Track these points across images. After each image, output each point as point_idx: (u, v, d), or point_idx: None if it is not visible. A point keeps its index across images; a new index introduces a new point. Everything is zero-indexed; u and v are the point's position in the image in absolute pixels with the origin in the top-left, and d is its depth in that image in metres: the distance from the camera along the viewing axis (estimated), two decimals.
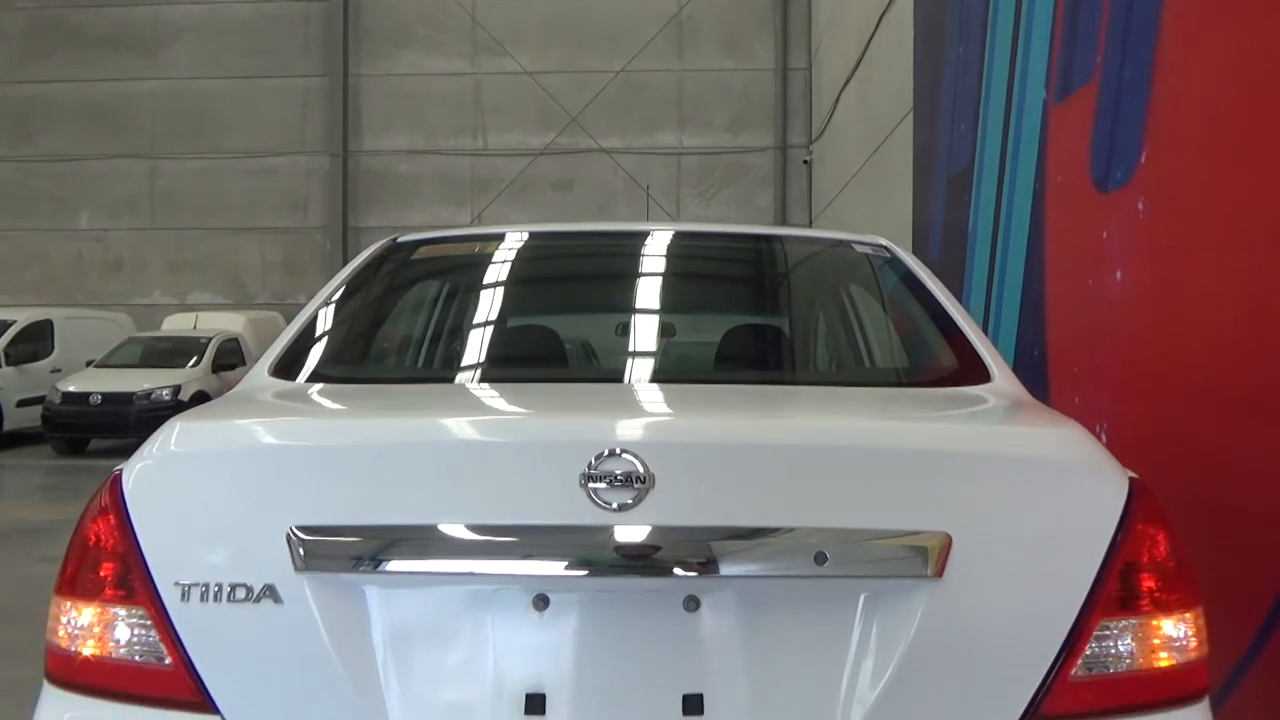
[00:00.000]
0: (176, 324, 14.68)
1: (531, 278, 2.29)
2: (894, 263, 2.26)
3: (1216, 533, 3.02)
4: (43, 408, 11.47)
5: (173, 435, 1.45)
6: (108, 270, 17.73)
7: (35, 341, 12.67)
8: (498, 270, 2.28)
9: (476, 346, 2.02)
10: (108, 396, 11.15)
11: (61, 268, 17.68)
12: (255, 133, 17.60)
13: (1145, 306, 3.80)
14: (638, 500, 1.29)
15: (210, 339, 12.88)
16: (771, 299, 2.28)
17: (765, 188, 17.38)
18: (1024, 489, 1.36)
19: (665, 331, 2.00)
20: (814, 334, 2.15)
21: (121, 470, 1.45)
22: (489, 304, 2.19)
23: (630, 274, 2.19)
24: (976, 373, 1.80)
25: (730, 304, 2.25)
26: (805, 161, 16.70)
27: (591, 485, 1.29)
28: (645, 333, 2.08)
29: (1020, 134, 5.35)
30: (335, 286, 2.14)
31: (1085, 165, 4.46)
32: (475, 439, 1.44)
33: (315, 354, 1.93)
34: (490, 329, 2.11)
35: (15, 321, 12.45)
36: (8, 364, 12.04)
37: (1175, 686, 1.36)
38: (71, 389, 11.35)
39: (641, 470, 1.30)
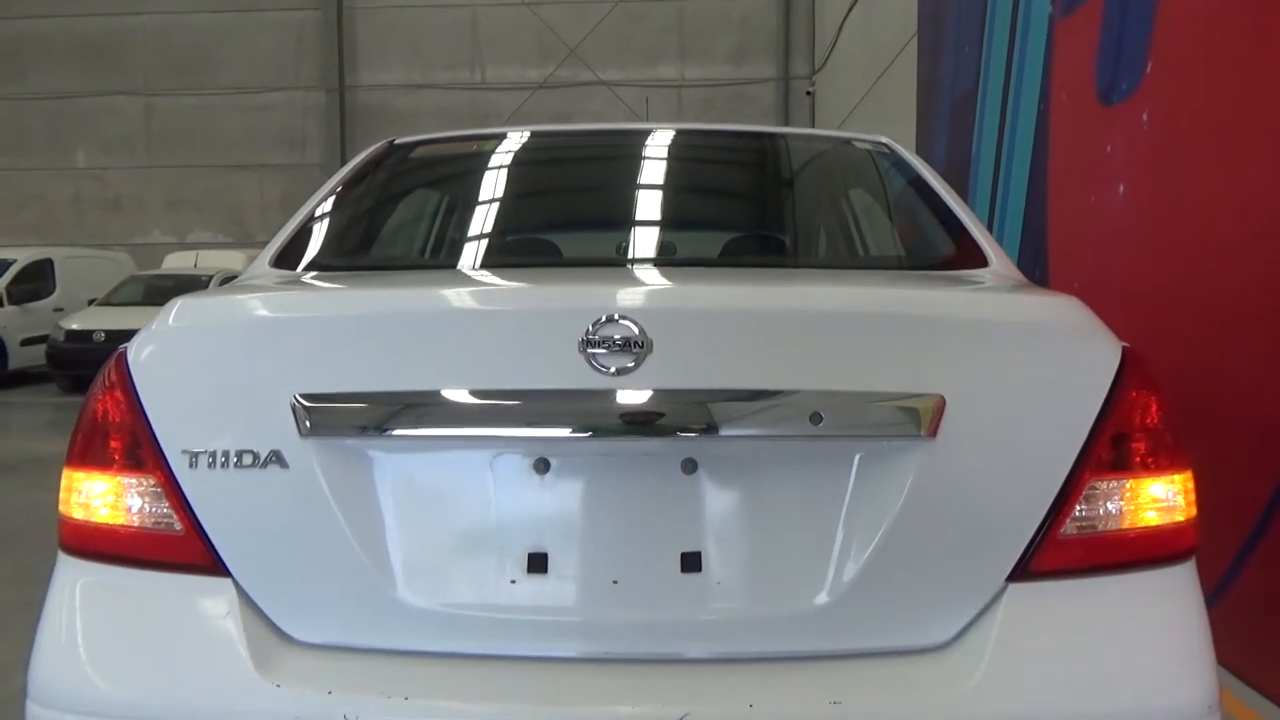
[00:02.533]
0: (177, 263, 14.64)
1: (529, 184, 2.28)
2: (895, 159, 2.25)
3: (1214, 439, 3.05)
4: (47, 346, 11.51)
5: (177, 311, 1.47)
6: (106, 210, 17.64)
7: (36, 281, 12.65)
8: (495, 174, 2.27)
9: (475, 241, 2.02)
10: (111, 334, 11.16)
11: (60, 207, 17.59)
12: (250, 68, 17.37)
13: (1147, 221, 3.79)
14: (636, 364, 1.31)
15: (211, 277, 12.85)
16: (775, 202, 2.28)
17: (768, 120, 17.15)
18: (1018, 353, 1.38)
19: (665, 250, 2.00)
20: (816, 230, 2.15)
21: (127, 348, 1.47)
22: (486, 205, 2.18)
23: (629, 184, 2.18)
24: (974, 258, 1.81)
25: (732, 213, 2.24)
26: (808, 93, 16.47)
27: (590, 350, 1.31)
28: (645, 247, 2.08)
29: (1025, 51, 5.27)
30: (333, 185, 2.14)
31: (1090, 79, 4.40)
32: (475, 307, 1.45)
33: (314, 246, 1.93)
34: (487, 229, 2.11)
35: (16, 261, 12.43)
36: (10, 303, 12.05)
37: (1162, 546, 1.39)
38: (75, 327, 11.38)
39: (639, 335, 1.31)
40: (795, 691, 1.28)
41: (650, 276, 1.60)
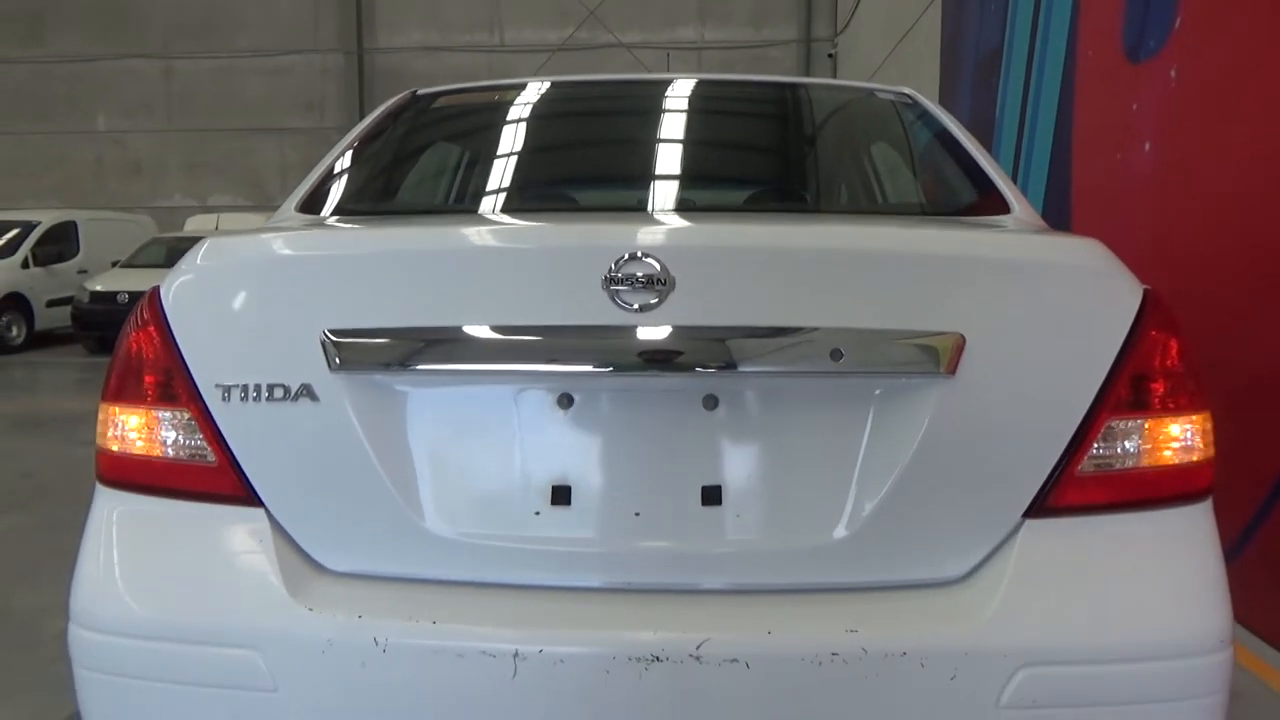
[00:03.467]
0: (198, 225, 14.71)
1: (552, 134, 2.28)
2: (919, 110, 2.25)
3: (1235, 395, 3.05)
4: (72, 307, 11.63)
5: (207, 250, 1.50)
6: (127, 173, 17.72)
7: (60, 243, 12.76)
8: (517, 124, 2.28)
9: (497, 187, 2.04)
10: (135, 295, 11.26)
11: (81, 171, 17.68)
12: (268, 30, 17.31)
13: (1173, 179, 3.75)
14: (659, 301, 1.33)
15: None
16: (797, 153, 2.27)
17: None
18: (1038, 293, 1.39)
19: (686, 201, 2.01)
20: (838, 180, 2.15)
21: (159, 286, 1.50)
22: (508, 155, 2.19)
23: (652, 135, 2.18)
24: (997, 205, 1.81)
25: (755, 164, 2.24)
26: (830, 55, 16.25)
27: (614, 287, 1.33)
28: (666, 198, 2.09)
29: (1051, 8, 5.19)
30: (357, 134, 2.16)
31: (1118, 35, 4.33)
32: (501, 245, 1.47)
33: (339, 192, 1.96)
34: (509, 178, 2.12)
35: (40, 223, 12.54)
36: (35, 265, 12.18)
37: (1179, 485, 1.40)
38: (99, 288, 11.49)
39: (662, 273, 1.33)
40: (812, 620, 1.31)
41: (673, 219, 1.62)
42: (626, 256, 1.34)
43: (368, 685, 1.30)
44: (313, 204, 1.89)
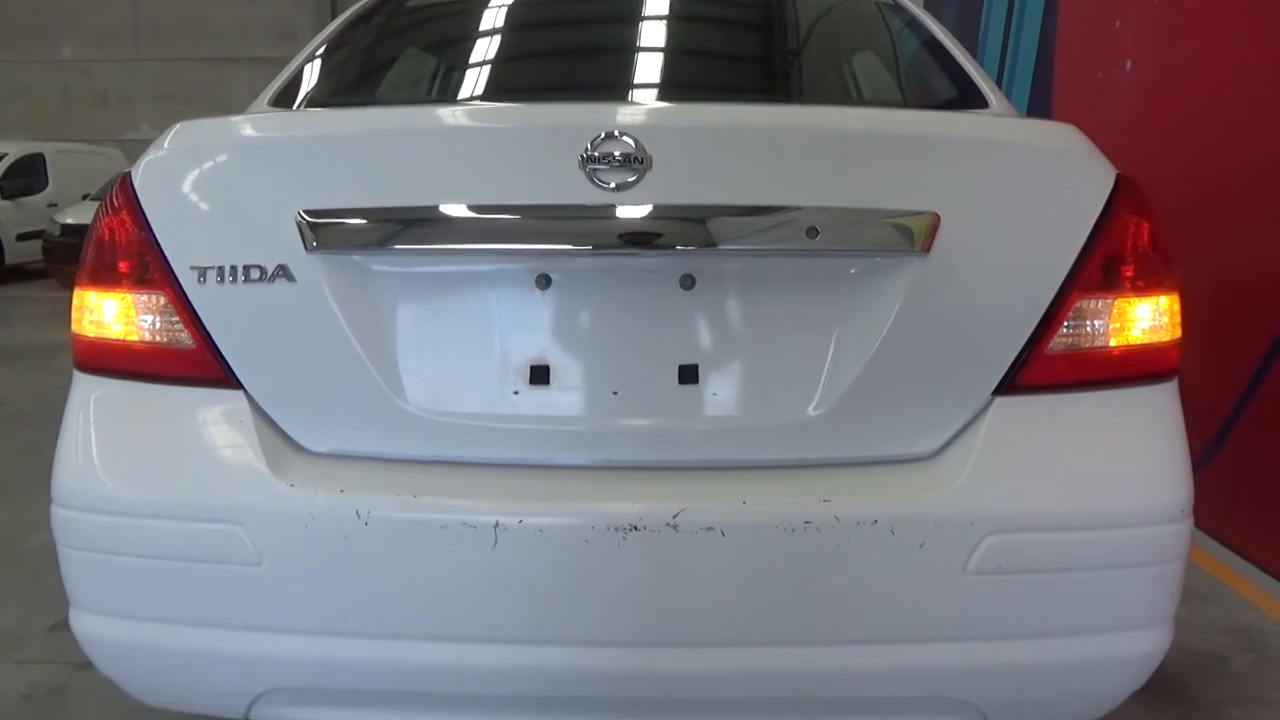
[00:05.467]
0: None
1: (528, 33, 2.23)
2: (902, 12, 2.23)
3: (1212, 304, 3.09)
4: (43, 241, 11.42)
5: (177, 134, 1.48)
6: (94, 104, 17.27)
7: (29, 176, 12.49)
8: (489, 22, 2.23)
9: (472, 83, 2.01)
10: None
11: (47, 102, 17.22)
12: None
13: (1154, 94, 3.74)
14: (636, 180, 1.32)
15: None
16: (778, 53, 2.24)
17: None
18: (1012, 174, 1.40)
19: (662, 94, 1.97)
20: (818, 77, 2.13)
21: (130, 171, 1.48)
22: (483, 53, 2.15)
23: (629, 38, 2.14)
24: (975, 101, 1.81)
25: (735, 61, 2.20)
26: None
27: (590, 166, 1.33)
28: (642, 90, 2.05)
29: None
30: (329, 33, 2.12)
31: None
32: (477, 125, 1.46)
33: (312, 86, 1.93)
34: (484, 74, 2.09)
35: (6, 154, 12.25)
36: (3, 198, 11.93)
37: (1146, 364, 1.43)
38: (71, 221, 11.27)
39: (638, 151, 1.32)
40: (786, 492, 1.34)
41: (650, 102, 1.61)
42: (603, 135, 1.33)
43: (350, 558, 1.32)
44: (285, 99, 1.86)
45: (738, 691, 1.37)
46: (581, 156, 1.33)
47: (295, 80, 1.93)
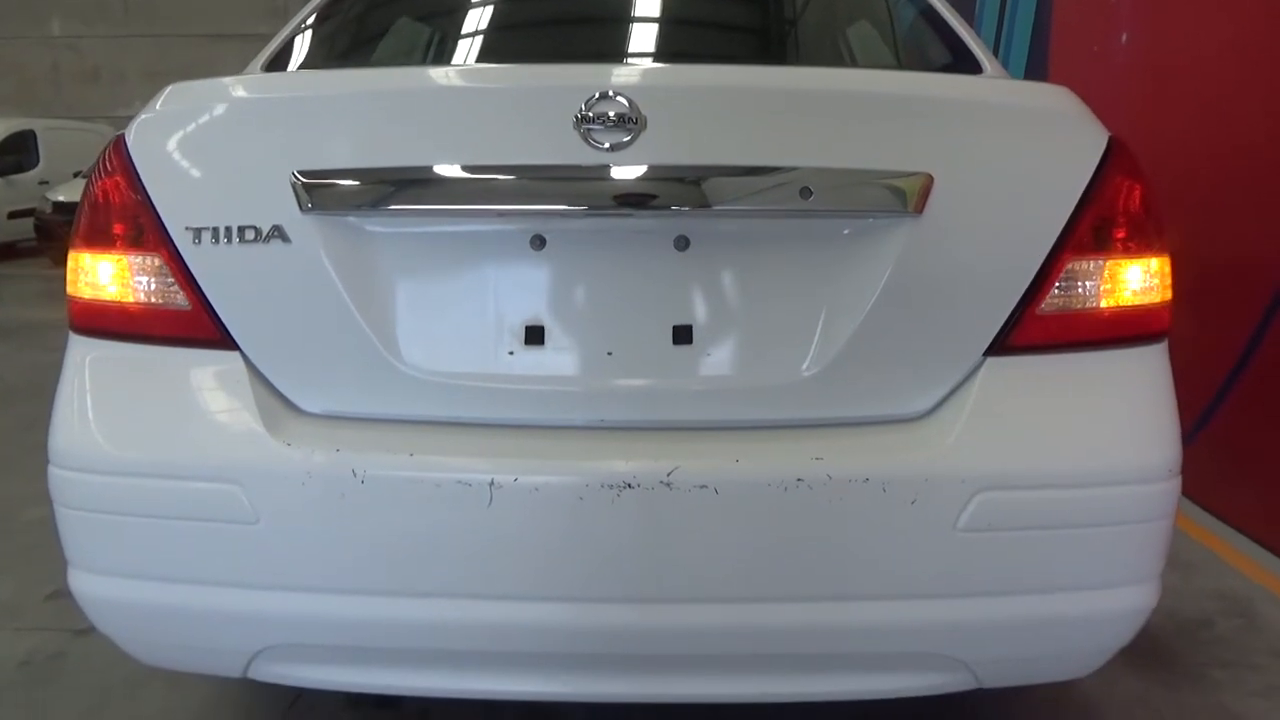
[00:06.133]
0: None
1: (514, 12, 2.23)
2: None
3: (1198, 286, 3.10)
4: (35, 218, 11.37)
5: (172, 94, 1.47)
6: (85, 81, 17.12)
7: (19, 153, 12.40)
8: None
9: (466, 43, 2.00)
10: None
11: (37, 78, 17.06)
12: None
13: (1149, 65, 3.74)
14: (631, 140, 1.33)
15: None
16: (774, 23, 2.24)
17: None
18: (1005, 136, 1.40)
19: (658, 57, 1.97)
20: (812, 38, 2.13)
21: (124, 133, 1.48)
22: (476, 21, 2.14)
23: (624, 9, 2.13)
24: (969, 65, 1.81)
25: (730, 27, 2.20)
26: None
27: (585, 126, 1.33)
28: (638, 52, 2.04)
29: None
30: (318, 3, 2.11)
31: None
32: (471, 85, 1.46)
33: (304, 52, 1.92)
34: (478, 42, 2.08)
35: None
36: None
37: (1136, 326, 1.45)
38: (62, 199, 11.20)
39: (633, 111, 1.33)
40: (779, 450, 1.35)
41: (644, 63, 1.61)
42: (597, 96, 1.33)
43: (347, 516, 1.33)
44: (278, 64, 1.86)
45: (730, 647, 1.39)
46: (576, 117, 1.33)
47: (287, 48, 1.92)
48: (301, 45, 1.94)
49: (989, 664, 1.44)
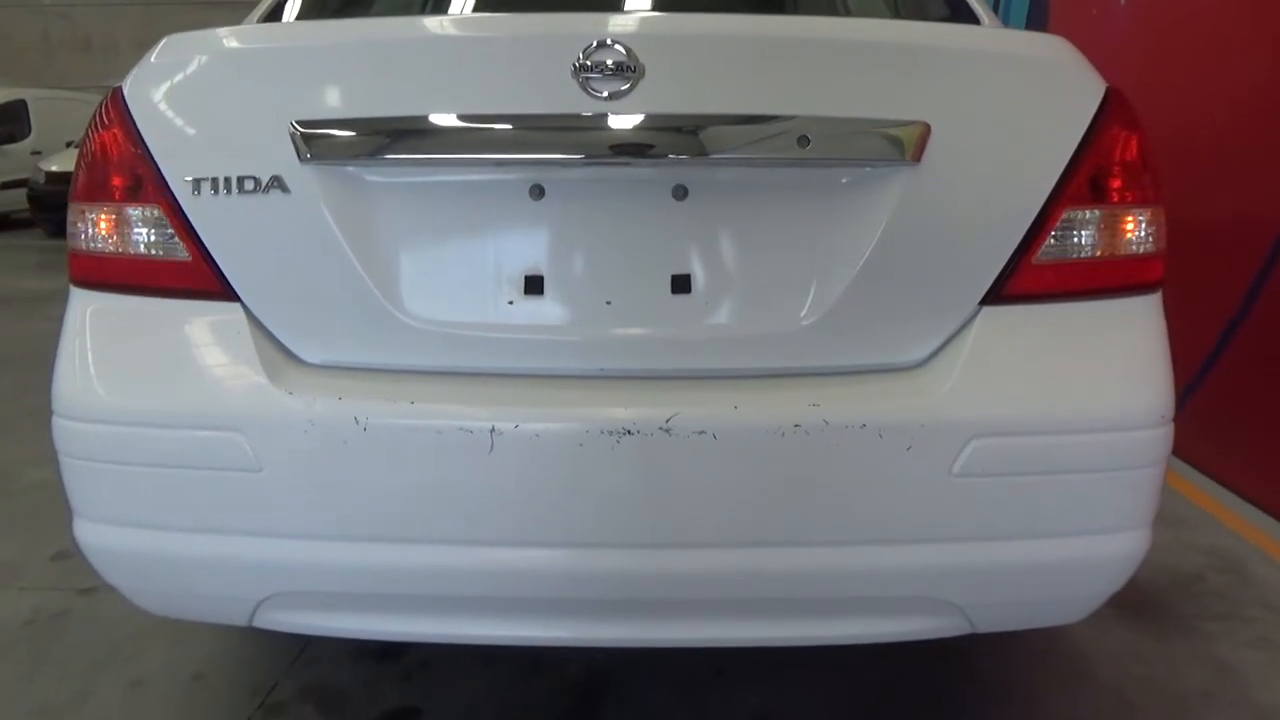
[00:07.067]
0: None
1: None
2: None
3: (1202, 222, 3.12)
4: (28, 189, 11.32)
5: (168, 45, 1.47)
6: (76, 50, 16.98)
7: (11, 124, 12.33)
8: None
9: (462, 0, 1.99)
10: None
11: (27, 47, 16.92)
12: None
13: (1148, 28, 3.73)
14: (629, 89, 1.33)
15: None
16: None
17: None
18: (1003, 85, 1.40)
19: (655, 6, 1.96)
20: (811, 3, 2.12)
21: (121, 85, 1.47)
22: None
23: None
24: (966, 18, 1.81)
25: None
26: None
27: (583, 75, 1.33)
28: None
29: None
30: None
31: None
32: (469, 34, 1.46)
33: (300, 5, 1.91)
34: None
35: None
36: None
37: (1132, 275, 1.45)
38: (55, 169, 11.16)
39: (631, 59, 1.33)
40: (777, 397, 1.36)
41: (642, 11, 1.60)
42: (595, 44, 1.33)
43: (350, 463, 1.35)
44: (275, 18, 1.85)
45: (727, 592, 1.41)
46: (574, 65, 1.33)
47: (277, 6, 1.91)
48: (288, 6, 1.92)
49: (982, 608, 1.46)
